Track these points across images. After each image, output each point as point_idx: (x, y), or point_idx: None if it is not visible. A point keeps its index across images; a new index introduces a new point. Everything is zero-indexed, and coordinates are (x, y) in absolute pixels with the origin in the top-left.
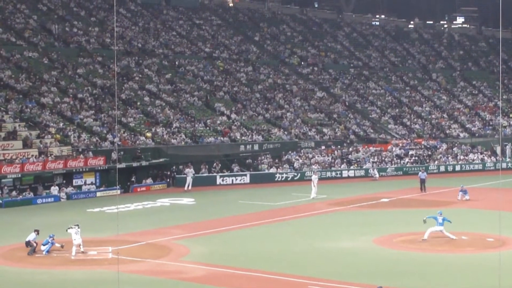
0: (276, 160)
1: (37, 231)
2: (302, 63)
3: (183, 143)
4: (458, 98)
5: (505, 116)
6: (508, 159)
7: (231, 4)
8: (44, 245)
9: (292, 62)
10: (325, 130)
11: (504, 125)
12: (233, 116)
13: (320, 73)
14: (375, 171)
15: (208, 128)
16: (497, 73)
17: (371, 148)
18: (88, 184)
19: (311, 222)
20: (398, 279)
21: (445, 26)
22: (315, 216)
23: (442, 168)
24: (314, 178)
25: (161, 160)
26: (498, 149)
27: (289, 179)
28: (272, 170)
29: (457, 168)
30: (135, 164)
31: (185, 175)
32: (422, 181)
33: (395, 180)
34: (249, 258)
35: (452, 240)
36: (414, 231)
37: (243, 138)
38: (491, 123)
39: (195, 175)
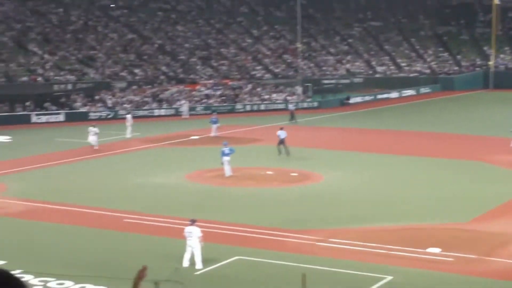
0: (90, 99)
1: None
2: (112, 5)
3: None
4: (261, 41)
5: (304, 59)
6: (308, 100)
7: None
8: None
9: (103, 3)
10: (136, 70)
11: (304, 67)
12: (46, 56)
13: (130, 15)
14: (186, 110)
15: (21, 67)
16: (297, 18)
17: (181, 88)
18: None
19: (126, 159)
20: (209, 212)
21: None
22: (129, 153)
23: (248, 107)
24: (129, 117)
25: None
26: (300, 90)
27: (103, 117)
28: (86, 108)
29: (262, 107)
30: None
31: None
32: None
33: (204, 118)
34: (66, 193)
35: (259, 175)
36: (223, 167)
37: (56, 77)
38: (293, 65)
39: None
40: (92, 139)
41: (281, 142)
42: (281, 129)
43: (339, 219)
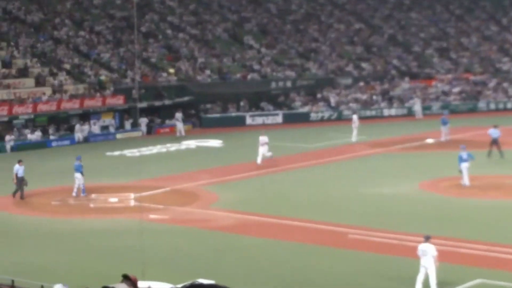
0: (311, 98)
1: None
2: None
3: (209, 79)
4: (509, 29)
5: None
6: None
7: None
8: None
9: None
10: (363, 64)
11: None
12: (263, 50)
13: (358, 3)
14: (419, 109)
15: (235, 63)
16: None
17: (414, 84)
18: (107, 125)
19: (350, 166)
20: (447, 227)
21: None
22: (354, 159)
23: (492, 106)
24: (354, 118)
25: (185, 98)
26: None
27: (325, 118)
28: (307, 108)
29: (509, 105)
30: (157, 103)
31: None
32: None
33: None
34: (282, 205)
35: (505, 185)
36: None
37: (274, 74)
38: None
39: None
40: (261, 150)
41: (494, 142)
42: (495, 127)
43: None
